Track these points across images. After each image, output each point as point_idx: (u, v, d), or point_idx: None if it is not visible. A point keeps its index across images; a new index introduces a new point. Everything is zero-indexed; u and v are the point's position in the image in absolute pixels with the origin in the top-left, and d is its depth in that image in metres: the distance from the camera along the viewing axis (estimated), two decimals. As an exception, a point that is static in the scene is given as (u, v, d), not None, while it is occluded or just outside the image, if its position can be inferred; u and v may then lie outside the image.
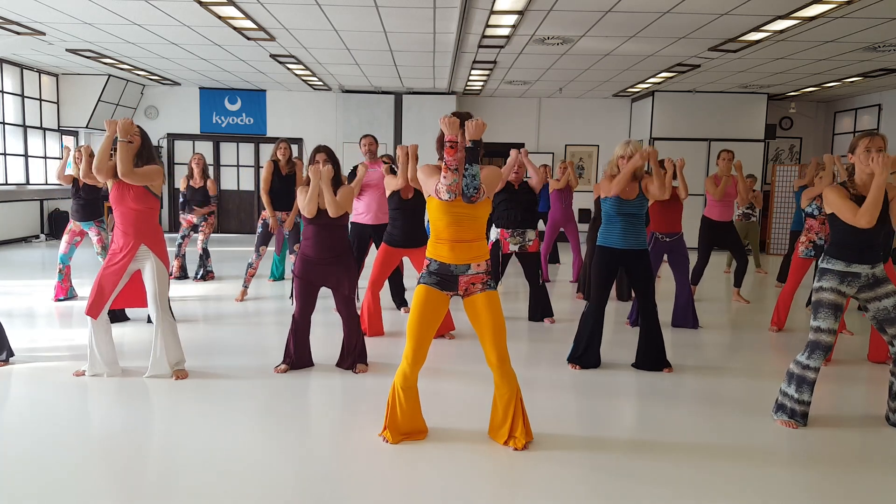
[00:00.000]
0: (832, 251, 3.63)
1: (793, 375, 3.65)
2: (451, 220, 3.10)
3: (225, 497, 2.74)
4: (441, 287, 3.18)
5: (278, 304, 6.73)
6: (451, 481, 2.93)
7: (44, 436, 3.33)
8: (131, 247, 4.07)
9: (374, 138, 6.45)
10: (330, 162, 4.37)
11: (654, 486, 2.92)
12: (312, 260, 4.35)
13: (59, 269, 6.45)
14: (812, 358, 3.58)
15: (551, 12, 7.01)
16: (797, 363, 3.64)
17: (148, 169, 4.11)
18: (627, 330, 5.89)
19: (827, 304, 3.58)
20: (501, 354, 3.15)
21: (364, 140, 6.39)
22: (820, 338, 3.57)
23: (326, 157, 4.40)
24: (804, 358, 3.61)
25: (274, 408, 3.83)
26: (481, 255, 3.18)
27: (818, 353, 3.57)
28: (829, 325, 3.56)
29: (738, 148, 12.37)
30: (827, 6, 6.51)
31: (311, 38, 8.66)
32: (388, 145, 13.24)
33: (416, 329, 3.14)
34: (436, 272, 3.18)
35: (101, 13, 7.53)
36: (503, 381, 3.19)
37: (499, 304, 3.18)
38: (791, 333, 5.90)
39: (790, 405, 3.65)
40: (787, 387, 3.67)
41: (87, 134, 13.18)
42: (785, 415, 3.67)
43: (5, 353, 4.41)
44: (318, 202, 4.28)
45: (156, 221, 4.20)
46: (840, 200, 3.51)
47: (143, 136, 4.20)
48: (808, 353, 3.60)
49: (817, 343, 3.58)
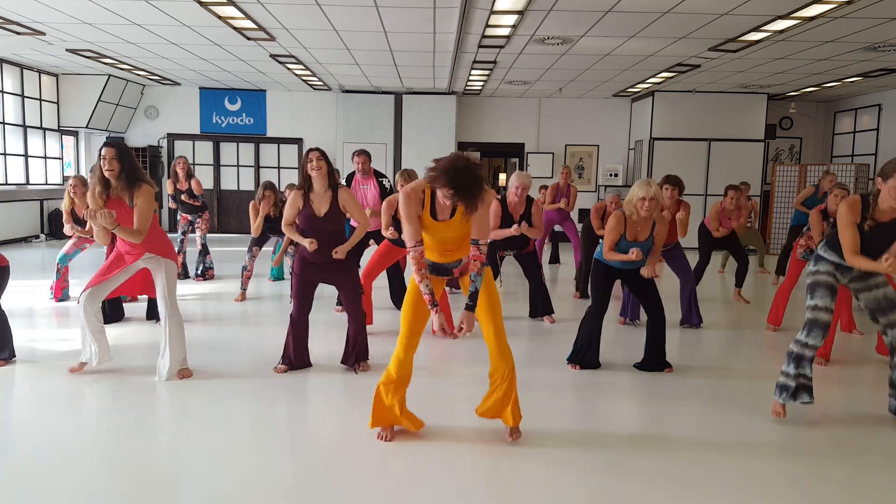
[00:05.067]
0: (831, 243, 3.64)
1: (792, 354, 3.64)
2: (439, 240, 3.17)
3: (225, 497, 2.74)
4: (436, 273, 3.25)
5: (278, 304, 6.73)
6: (451, 481, 2.93)
7: (44, 436, 3.33)
8: (136, 254, 4.09)
9: (368, 156, 6.19)
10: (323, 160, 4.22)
11: (653, 486, 2.92)
12: (311, 261, 4.33)
13: (56, 269, 6.47)
14: (811, 336, 3.57)
15: (551, 12, 7.01)
16: (797, 342, 3.63)
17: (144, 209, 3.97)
18: (627, 329, 5.89)
19: (823, 284, 3.59)
20: (498, 329, 3.18)
21: (357, 158, 6.11)
22: (818, 316, 3.57)
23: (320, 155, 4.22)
24: (803, 336, 3.60)
25: (274, 408, 3.83)
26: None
27: (816, 330, 3.57)
28: (826, 303, 3.56)
29: (738, 148, 12.42)
30: (827, 6, 6.51)
31: (311, 38, 8.66)
32: (388, 145, 13.25)
33: (411, 313, 3.18)
34: (430, 265, 3.23)
35: (101, 13, 7.53)
36: (500, 357, 3.20)
37: (492, 280, 3.22)
38: (789, 333, 5.90)
39: (792, 384, 3.63)
40: (787, 366, 3.66)
41: (87, 134, 13.17)
42: (785, 394, 3.64)
43: (7, 353, 4.41)
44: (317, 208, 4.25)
45: (157, 228, 4.19)
46: (846, 227, 3.47)
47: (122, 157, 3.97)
48: (806, 331, 3.59)
49: (815, 321, 3.57)
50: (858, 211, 3.47)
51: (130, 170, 4.00)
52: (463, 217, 3.07)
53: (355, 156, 6.14)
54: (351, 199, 4.30)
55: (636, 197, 4.36)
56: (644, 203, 4.33)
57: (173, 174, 7.75)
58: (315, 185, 4.24)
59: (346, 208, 4.28)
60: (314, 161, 4.18)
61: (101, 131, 12.89)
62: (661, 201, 4.42)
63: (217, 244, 11.00)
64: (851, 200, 3.52)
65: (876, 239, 3.48)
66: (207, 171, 13.79)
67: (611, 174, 13.50)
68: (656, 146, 12.42)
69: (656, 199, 4.34)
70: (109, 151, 3.96)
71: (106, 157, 3.94)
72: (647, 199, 4.31)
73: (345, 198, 4.27)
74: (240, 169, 13.97)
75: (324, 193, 4.25)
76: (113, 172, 3.95)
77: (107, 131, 12.94)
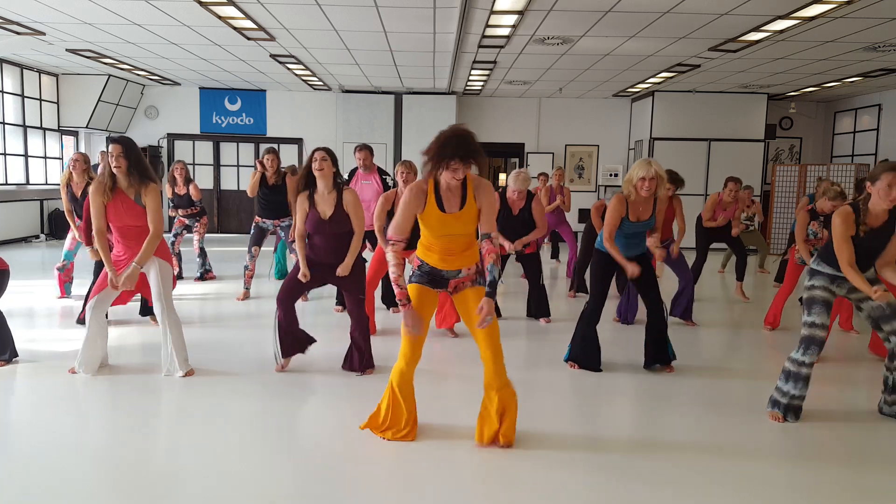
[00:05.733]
0: (824, 256, 3.65)
1: (789, 373, 3.65)
2: (441, 238, 3.12)
3: (225, 497, 2.74)
4: (432, 285, 3.21)
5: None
6: (451, 481, 2.93)
7: (44, 436, 3.33)
8: (130, 257, 4.08)
9: (370, 151, 6.18)
10: (328, 161, 4.20)
11: (653, 487, 2.92)
12: (317, 262, 4.30)
13: (62, 265, 6.52)
14: (807, 354, 3.58)
15: (551, 12, 7.01)
16: (792, 361, 3.64)
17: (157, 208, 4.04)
18: (626, 329, 5.89)
19: (819, 301, 3.60)
20: (495, 349, 3.15)
21: (359, 154, 6.11)
22: (814, 333, 3.58)
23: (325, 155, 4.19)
24: (799, 355, 3.61)
25: (274, 407, 3.83)
26: (472, 260, 3.19)
27: (813, 348, 3.58)
28: (822, 320, 3.57)
29: (738, 148, 12.42)
30: (827, 6, 6.51)
31: (311, 38, 8.66)
32: (388, 145, 13.25)
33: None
34: (427, 273, 3.20)
35: (101, 13, 7.53)
36: (496, 375, 3.17)
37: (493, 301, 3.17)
38: (788, 332, 5.90)
39: (785, 401, 3.66)
40: (784, 384, 3.68)
41: (87, 134, 13.17)
42: (777, 408, 3.68)
43: (8, 353, 4.40)
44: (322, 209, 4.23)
45: None
46: (840, 238, 3.48)
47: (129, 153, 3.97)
48: (802, 349, 3.60)
49: (812, 338, 3.58)
50: (852, 222, 3.47)
51: (139, 166, 3.99)
52: (472, 208, 3.06)
53: (357, 151, 6.16)
54: (354, 203, 4.23)
55: (636, 177, 4.23)
56: (644, 183, 4.21)
57: (171, 179, 7.74)
58: (319, 186, 4.21)
59: (347, 211, 4.24)
60: (318, 161, 4.15)
61: (101, 131, 12.89)
62: (662, 180, 4.27)
63: (217, 244, 11.01)
64: (844, 213, 3.50)
65: (870, 244, 3.50)
66: (207, 171, 13.79)
67: (611, 174, 13.49)
68: (656, 146, 12.42)
69: (657, 178, 4.22)
70: (116, 148, 3.94)
71: (113, 154, 3.92)
72: (647, 179, 4.19)
73: (349, 201, 4.22)
74: (240, 169, 13.97)
75: (328, 195, 4.21)
76: (121, 169, 3.94)
77: (107, 131, 12.94)
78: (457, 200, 3.08)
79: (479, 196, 3.08)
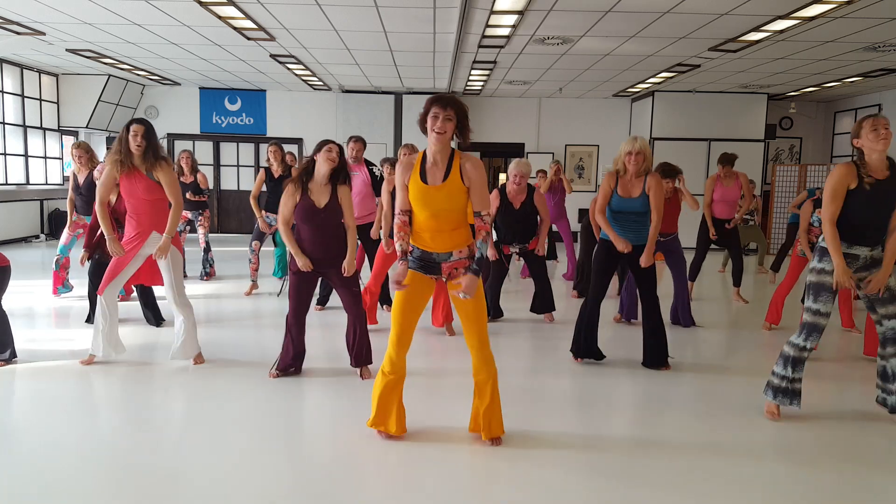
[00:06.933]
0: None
1: (789, 357, 3.64)
2: (430, 214, 3.07)
3: (225, 496, 2.75)
4: (425, 271, 3.18)
5: (278, 303, 6.73)
6: (451, 481, 2.93)
7: (44, 436, 3.33)
8: (141, 233, 4.23)
9: (363, 144, 6.21)
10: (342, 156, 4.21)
11: (653, 486, 2.92)
12: (312, 257, 4.28)
13: (56, 259, 6.53)
14: (809, 340, 3.57)
15: (551, 12, 7.01)
16: (793, 345, 3.63)
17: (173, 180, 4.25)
18: (626, 328, 5.89)
19: (827, 288, 3.56)
20: (482, 337, 3.16)
21: (353, 144, 6.12)
22: (818, 320, 3.57)
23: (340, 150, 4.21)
24: (801, 340, 3.60)
25: (274, 407, 3.83)
26: (463, 242, 3.14)
27: (815, 335, 3.57)
28: (827, 308, 3.56)
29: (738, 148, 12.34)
30: (827, 6, 6.51)
31: (311, 38, 8.66)
32: (388, 145, 13.24)
33: (401, 312, 3.15)
34: (419, 258, 3.17)
35: (101, 13, 7.53)
36: (482, 364, 3.19)
37: (481, 288, 3.17)
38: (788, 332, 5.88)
39: (787, 386, 3.64)
40: (783, 369, 3.66)
41: (87, 134, 13.16)
42: (780, 396, 3.66)
43: (8, 353, 4.41)
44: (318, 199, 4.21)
45: (166, 210, 4.29)
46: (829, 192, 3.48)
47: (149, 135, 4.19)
48: (804, 335, 3.59)
49: (815, 325, 3.57)
50: (854, 174, 3.45)
51: (155, 148, 4.24)
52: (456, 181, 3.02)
53: (353, 142, 6.17)
54: (348, 200, 4.24)
55: (623, 153, 4.45)
56: (631, 158, 4.43)
57: (178, 169, 7.73)
58: (317, 175, 4.17)
59: (341, 204, 4.22)
60: (333, 152, 4.16)
61: (101, 131, 12.89)
62: (648, 157, 4.48)
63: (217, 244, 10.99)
64: (843, 166, 3.50)
65: (880, 197, 3.45)
66: (207, 171, 13.75)
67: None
68: (656, 146, 12.41)
69: (643, 153, 4.43)
70: (140, 128, 4.16)
71: (137, 133, 4.14)
72: (633, 153, 4.41)
73: (343, 196, 4.22)
74: (240, 169, 13.98)
75: (324, 186, 4.19)
76: (140, 148, 4.16)
77: (107, 131, 12.94)
78: (440, 174, 3.05)
79: (466, 170, 3.04)
